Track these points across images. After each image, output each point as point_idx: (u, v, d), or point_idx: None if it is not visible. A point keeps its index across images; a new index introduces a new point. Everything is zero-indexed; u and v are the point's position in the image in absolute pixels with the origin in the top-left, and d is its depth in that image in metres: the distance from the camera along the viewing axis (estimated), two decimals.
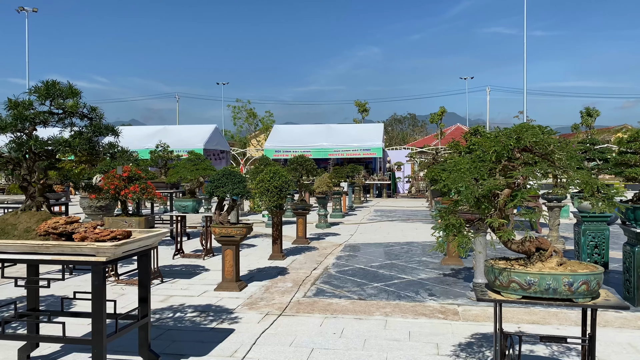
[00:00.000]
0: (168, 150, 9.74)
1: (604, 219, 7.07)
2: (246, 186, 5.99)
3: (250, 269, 7.28)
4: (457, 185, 2.90)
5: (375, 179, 24.23)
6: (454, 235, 3.07)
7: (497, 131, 2.94)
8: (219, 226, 5.98)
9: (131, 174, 6.24)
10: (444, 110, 34.62)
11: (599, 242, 7.08)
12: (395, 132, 60.73)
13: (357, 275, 6.86)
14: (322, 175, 12.13)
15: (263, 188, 7.63)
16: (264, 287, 6.20)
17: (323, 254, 8.49)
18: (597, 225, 7.06)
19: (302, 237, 9.55)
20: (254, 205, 7.50)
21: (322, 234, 11.05)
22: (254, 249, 9.00)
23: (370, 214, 15.79)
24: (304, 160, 9.50)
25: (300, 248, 9.09)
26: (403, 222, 13.23)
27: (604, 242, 7.09)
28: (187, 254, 8.34)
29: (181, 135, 27.02)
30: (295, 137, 25.80)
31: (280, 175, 7.75)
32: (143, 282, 3.84)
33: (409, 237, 10.49)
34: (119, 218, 6.26)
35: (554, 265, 2.87)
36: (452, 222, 3.01)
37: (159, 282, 6.51)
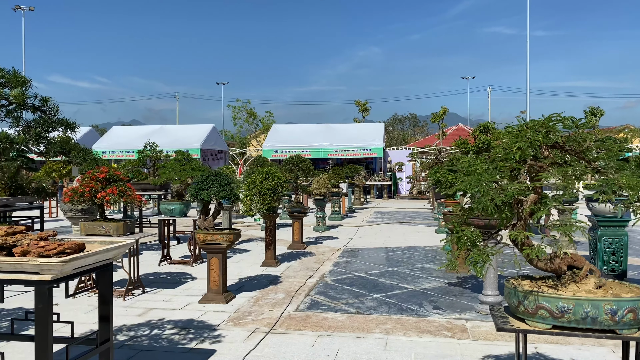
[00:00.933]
0: (157, 149, 9.21)
1: (622, 223, 6.55)
2: (233, 188, 5.47)
3: (240, 277, 6.76)
4: (473, 190, 2.38)
5: (375, 180, 23.70)
6: (468, 250, 2.55)
7: (520, 124, 2.43)
8: (203, 232, 5.47)
9: (108, 175, 5.73)
10: (445, 110, 34.04)
11: (617, 248, 6.56)
12: (396, 132, 60.26)
13: (355, 284, 6.34)
14: (320, 176, 11.62)
15: (255, 190, 7.12)
16: (253, 298, 5.69)
17: (320, 260, 7.97)
18: (614, 230, 6.54)
19: (298, 241, 9.03)
20: (245, 209, 6.97)
21: (320, 237, 10.53)
22: (247, 255, 8.48)
23: (370, 215, 15.27)
24: (300, 160, 8.99)
25: (296, 253, 8.57)
26: (404, 225, 12.71)
27: (622, 248, 6.57)
28: (175, 261, 7.82)
29: (178, 135, 26.53)
30: (294, 137, 25.29)
31: (273, 176, 7.23)
32: (105, 300, 3.32)
33: (411, 241, 9.97)
34: (95, 223, 5.75)
35: (591, 288, 2.35)
36: (466, 234, 2.49)
37: (140, 292, 6.00)
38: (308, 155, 24.77)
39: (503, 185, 2.45)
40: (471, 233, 2.51)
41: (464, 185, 2.43)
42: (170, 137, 26.29)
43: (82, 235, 5.79)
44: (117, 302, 5.57)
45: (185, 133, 26.67)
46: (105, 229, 5.71)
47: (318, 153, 24.57)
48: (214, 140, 27.26)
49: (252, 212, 7.04)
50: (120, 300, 5.63)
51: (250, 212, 7.03)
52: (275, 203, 7.30)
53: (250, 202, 7.08)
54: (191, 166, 7.42)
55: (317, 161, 26.77)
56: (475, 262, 2.37)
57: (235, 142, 45.10)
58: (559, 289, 2.35)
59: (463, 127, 42.81)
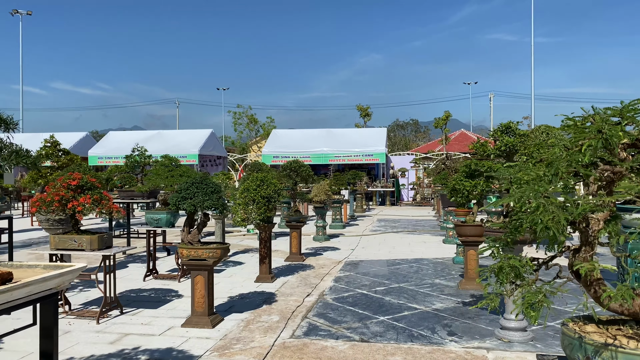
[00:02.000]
0: (146, 155, 8.59)
1: None
2: (221, 197, 4.84)
3: (231, 295, 6.12)
4: (527, 206, 1.74)
5: (378, 186, 23.05)
6: (514, 285, 1.91)
7: (588, 114, 1.78)
8: (186, 247, 4.83)
9: (82, 182, 5.10)
10: (448, 115, 33.43)
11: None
12: (397, 138, 59.72)
13: (358, 304, 5.69)
14: (320, 182, 10.99)
15: (248, 198, 6.48)
16: (243, 321, 5.03)
17: (319, 274, 7.32)
18: None
19: (296, 253, 8.38)
20: (237, 219, 6.33)
21: (320, 248, 9.87)
22: (240, 268, 7.83)
23: (373, 224, 14.61)
24: (299, 165, 8.36)
25: (294, 267, 7.92)
26: (410, 234, 12.05)
27: None
28: (162, 275, 7.18)
29: (176, 140, 25.95)
30: (294, 142, 24.68)
31: (269, 183, 6.60)
32: (47, 334, 2.66)
33: (418, 252, 9.31)
34: (66, 236, 5.12)
35: None
36: (513, 263, 1.84)
37: (118, 313, 5.35)
38: (308, 161, 24.11)
39: (565, 199, 1.81)
40: (520, 262, 1.86)
41: (514, 197, 1.78)
42: (168, 143, 25.70)
43: (52, 250, 5.16)
44: (90, 325, 4.94)
45: (183, 138, 26.08)
46: (78, 242, 5.08)
47: (319, 159, 23.94)
48: (212, 145, 26.66)
49: (245, 222, 6.40)
50: (94, 323, 4.99)
51: (242, 222, 6.39)
52: (271, 212, 6.67)
53: (243, 211, 6.45)
54: (179, 172, 6.79)
55: (317, 167, 26.13)
56: (528, 304, 1.72)
57: (235, 148, 44.55)
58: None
59: (466, 133, 42.21)
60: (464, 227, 6.33)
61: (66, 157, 11.06)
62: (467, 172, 4.26)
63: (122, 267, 7.94)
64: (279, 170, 8.84)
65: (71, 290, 6.30)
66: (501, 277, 1.92)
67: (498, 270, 1.94)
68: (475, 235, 6.33)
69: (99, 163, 26.01)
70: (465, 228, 6.32)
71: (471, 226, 6.30)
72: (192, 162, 24.76)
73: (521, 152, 4.17)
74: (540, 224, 1.66)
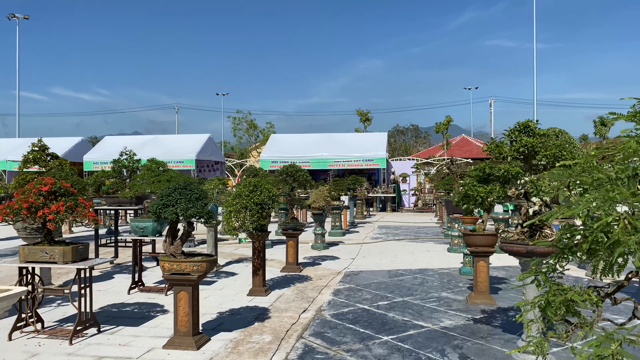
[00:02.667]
0: (134, 159, 8.11)
1: None
2: (206, 205, 4.36)
3: (221, 311, 5.62)
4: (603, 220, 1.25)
5: (378, 192, 22.56)
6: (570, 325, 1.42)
7: None
8: (168, 259, 4.35)
9: (54, 188, 4.62)
10: (450, 120, 33.03)
11: None
12: (397, 143, 59.41)
13: (359, 321, 5.19)
14: (319, 187, 10.51)
15: (240, 205, 6.00)
16: (232, 342, 4.54)
17: (317, 286, 6.83)
18: None
19: (292, 263, 7.89)
20: (228, 228, 5.84)
21: (318, 257, 9.38)
22: (233, 280, 7.34)
23: (373, 231, 14.12)
24: (295, 170, 7.88)
25: (290, 278, 7.43)
26: (412, 242, 11.56)
27: None
28: (148, 287, 6.69)
29: (172, 145, 25.50)
30: (293, 147, 24.22)
31: (262, 189, 6.13)
32: None
33: (422, 261, 8.82)
34: (37, 247, 4.64)
35: None
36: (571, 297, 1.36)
37: (96, 331, 4.86)
38: (308, 166, 23.64)
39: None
40: (581, 295, 1.37)
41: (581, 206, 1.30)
42: (165, 148, 25.26)
43: (21, 263, 4.68)
44: (62, 346, 4.45)
45: (180, 143, 25.62)
46: (50, 254, 4.60)
47: (318, 164, 23.48)
48: (210, 150, 26.21)
49: (236, 231, 5.92)
50: (66, 344, 4.50)
51: (234, 231, 5.91)
52: (265, 220, 6.19)
53: (234, 219, 5.97)
54: (166, 177, 6.32)
55: (317, 172, 25.67)
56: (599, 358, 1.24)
57: (233, 154, 44.16)
58: None
59: (467, 138, 41.86)
60: (474, 236, 5.84)
61: (55, 162, 10.60)
62: (481, 177, 3.82)
63: (107, 279, 7.46)
64: (275, 175, 8.36)
65: (47, 304, 5.81)
66: (550, 313, 1.45)
67: (545, 305, 1.46)
68: (486, 245, 5.85)
69: (94, 168, 25.53)
70: (475, 237, 5.84)
71: (482, 235, 5.82)
72: (189, 168, 24.31)
73: (542, 153, 3.71)
74: (622, 244, 1.18)
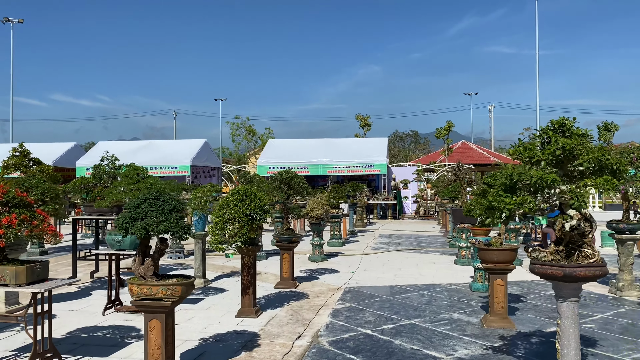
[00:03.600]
0: (116, 164, 7.46)
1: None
2: (182, 218, 3.71)
3: (204, 337, 4.95)
4: None
5: (379, 199, 21.90)
6: None
7: None
8: (137, 282, 3.68)
9: (6, 198, 3.97)
10: (451, 125, 32.42)
11: None
12: (397, 149, 58.97)
13: (362, 350, 4.52)
14: (317, 195, 9.86)
15: (227, 216, 5.35)
16: None
17: (314, 305, 6.16)
18: None
19: (287, 278, 7.23)
20: (213, 242, 5.18)
21: (316, 270, 8.71)
22: (221, 297, 6.67)
23: (374, 240, 13.45)
24: (291, 176, 7.23)
25: (284, 295, 6.76)
26: (416, 253, 10.89)
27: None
28: (126, 307, 6.01)
29: (167, 150, 24.86)
30: (291, 153, 23.59)
31: (252, 198, 5.48)
32: None
33: (428, 275, 8.15)
34: None
35: None
36: None
37: None
38: (306, 172, 23.00)
39: None
40: None
41: None
42: (159, 153, 24.63)
43: None
44: None
45: (175, 149, 24.98)
46: (0, 275, 3.94)
47: (317, 170, 22.84)
48: (205, 156, 25.56)
49: (222, 246, 5.26)
50: None
51: (220, 246, 5.25)
52: (255, 233, 5.53)
53: (220, 232, 5.31)
54: (146, 184, 5.66)
55: (315, 178, 25.03)
56: None
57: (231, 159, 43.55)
58: None
59: (467, 144, 41.37)
60: (491, 251, 5.19)
61: (37, 168, 9.96)
62: (507, 185, 3.20)
63: (84, 295, 6.79)
64: (268, 181, 7.71)
65: (8, 329, 5.14)
66: None
67: None
68: (504, 262, 5.20)
69: (87, 174, 24.85)
70: (492, 253, 5.18)
71: (499, 250, 5.17)
72: (184, 174, 23.67)
73: (583, 157, 3.09)
74: None
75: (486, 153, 39.48)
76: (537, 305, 6.15)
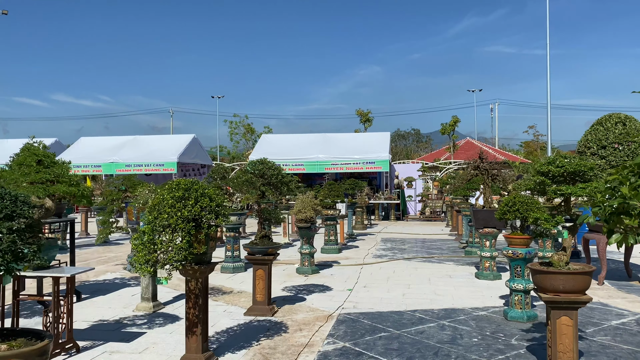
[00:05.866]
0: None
1: None
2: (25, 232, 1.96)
3: None
4: None
5: (381, 198, 20.12)
6: None
7: None
8: None
9: None
10: (456, 120, 30.67)
11: None
12: (399, 148, 57.40)
13: None
14: (307, 193, 8.11)
15: (159, 223, 3.60)
16: None
17: (293, 346, 4.41)
18: None
19: (262, 302, 5.46)
20: (138, 261, 3.42)
21: (304, 288, 6.95)
22: (171, 329, 4.91)
23: (376, 245, 11.70)
24: (267, 167, 5.46)
25: (255, 328, 5.00)
26: (426, 263, 9.12)
27: None
28: None
29: (153, 146, 23.10)
30: (286, 149, 21.81)
31: (199, 194, 3.74)
32: None
33: (445, 295, 6.39)
34: None
35: None
36: None
37: None
38: (302, 170, 21.24)
39: None
40: None
41: None
42: (144, 149, 22.90)
43: None
44: None
45: (161, 145, 23.22)
46: None
47: (313, 167, 21.08)
48: (194, 152, 23.82)
49: (148, 268, 3.51)
50: None
51: (146, 267, 3.51)
52: (202, 247, 3.77)
53: (149, 247, 3.57)
54: (46, 174, 3.91)
55: (312, 176, 23.27)
56: None
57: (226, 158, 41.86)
58: None
59: (472, 141, 39.73)
60: (554, 275, 3.43)
61: None
62: (569, 173, 1.63)
63: None
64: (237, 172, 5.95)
65: None
66: None
67: None
68: (576, 292, 3.44)
69: None
70: (556, 278, 3.42)
71: (568, 275, 3.41)
72: (170, 171, 21.92)
73: None
74: None
75: (491, 151, 37.74)
76: (605, 346, 4.39)
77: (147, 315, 5.47)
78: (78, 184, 4.64)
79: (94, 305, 5.92)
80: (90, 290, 6.66)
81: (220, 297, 6.29)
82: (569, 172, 3.36)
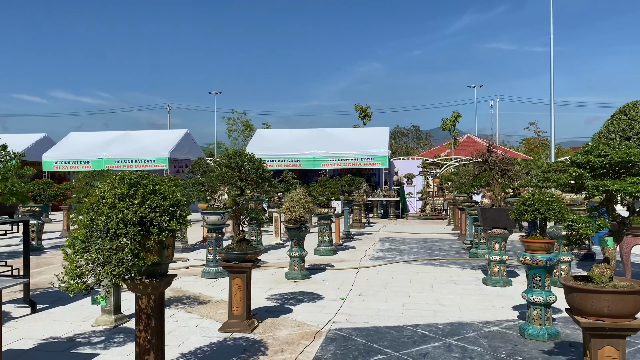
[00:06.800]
0: None
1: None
2: None
3: None
4: None
5: (379, 195, 19.36)
6: None
7: None
8: None
9: None
10: (458, 115, 29.96)
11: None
12: (398, 145, 56.72)
13: None
14: (296, 190, 7.36)
15: (95, 227, 2.86)
16: None
17: None
18: None
19: (239, 316, 4.72)
20: (67, 274, 2.66)
21: (291, 296, 6.20)
22: (128, 352, 4.16)
23: (374, 246, 10.96)
24: (245, 159, 4.70)
25: (228, 348, 4.25)
26: (428, 266, 8.38)
27: None
28: None
29: (144, 142, 22.35)
30: (281, 144, 21.06)
31: (148, 191, 2.99)
32: None
33: (451, 306, 5.65)
34: None
35: None
36: None
37: None
38: (298, 166, 20.45)
39: None
40: None
41: None
42: (135, 145, 22.15)
43: None
44: None
45: (152, 140, 22.47)
46: None
47: (310, 163, 20.33)
48: (187, 148, 23.07)
49: (81, 283, 2.77)
50: None
51: (77, 282, 2.77)
52: (153, 256, 3.02)
53: (81, 257, 2.82)
54: None
55: (308, 172, 22.52)
56: None
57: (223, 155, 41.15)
58: None
59: (473, 138, 39.03)
60: (597, 295, 2.68)
61: None
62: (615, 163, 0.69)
63: None
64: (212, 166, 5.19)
65: None
66: None
67: None
68: (625, 316, 2.70)
69: (54, 168, 22.36)
70: (600, 298, 2.68)
71: (615, 294, 2.67)
72: (161, 167, 21.16)
73: None
74: None
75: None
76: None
77: (106, 330, 4.73)
78: (7, 178, 3.89)
79: (48, 318, 5.17)
80: (50, 300, 5.91)
81: (196, 309, 5.54)
82: (615, 163, 2.63)
